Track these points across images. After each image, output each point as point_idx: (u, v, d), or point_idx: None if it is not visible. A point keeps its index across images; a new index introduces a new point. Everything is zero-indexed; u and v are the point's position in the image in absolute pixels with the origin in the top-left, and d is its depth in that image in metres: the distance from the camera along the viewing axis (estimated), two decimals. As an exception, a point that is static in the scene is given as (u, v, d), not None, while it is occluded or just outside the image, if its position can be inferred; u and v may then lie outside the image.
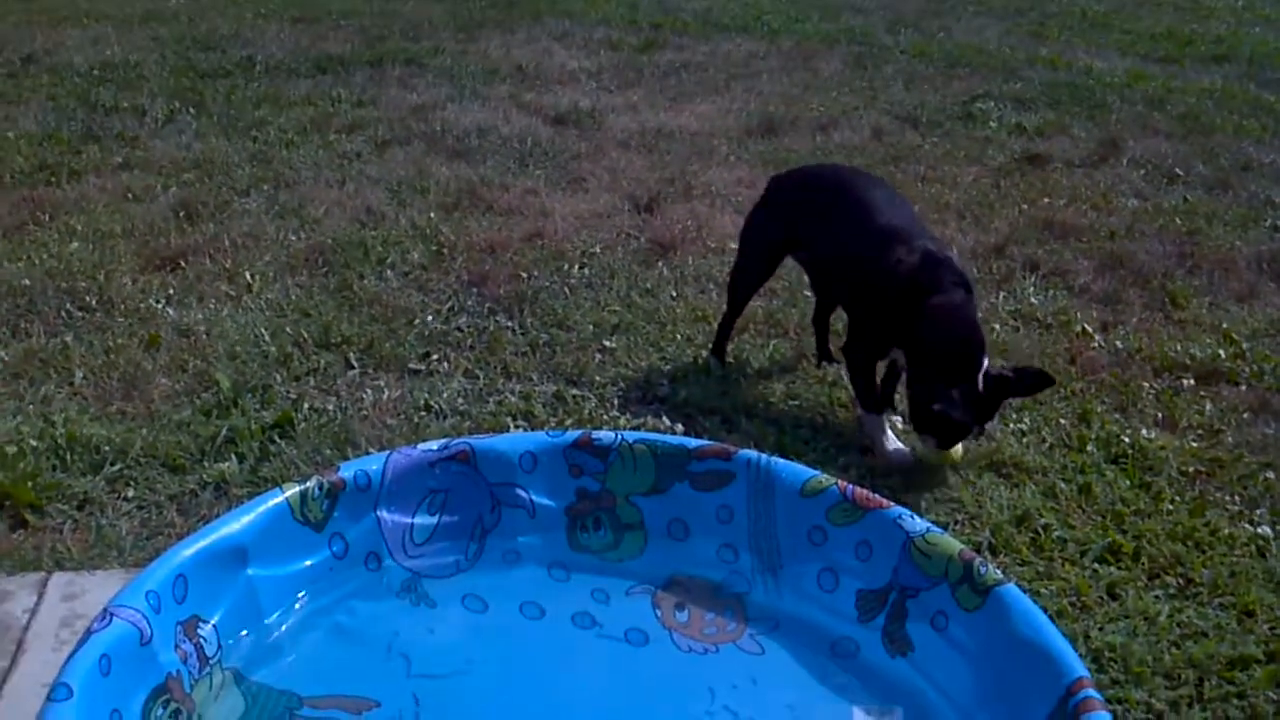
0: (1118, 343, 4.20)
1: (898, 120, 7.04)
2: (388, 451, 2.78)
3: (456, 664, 2.14)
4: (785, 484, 2.69)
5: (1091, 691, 2.11)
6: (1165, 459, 3.43)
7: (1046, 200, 5.66)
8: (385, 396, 3.62)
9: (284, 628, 2.52)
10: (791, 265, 4.05)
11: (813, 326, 4.00)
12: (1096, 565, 2.94)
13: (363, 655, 2.48)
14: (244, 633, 2.46)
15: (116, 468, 3.18)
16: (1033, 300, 4.53)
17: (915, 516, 2.58)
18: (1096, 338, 4.24)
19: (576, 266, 4.65)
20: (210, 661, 2.35)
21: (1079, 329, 4.29)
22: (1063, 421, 3.63)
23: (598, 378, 3.78)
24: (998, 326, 4.25)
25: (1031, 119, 7.09)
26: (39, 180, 5.38)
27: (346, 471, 2.66)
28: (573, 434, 2.83)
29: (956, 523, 3.08)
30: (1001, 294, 4.56)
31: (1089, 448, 3.48)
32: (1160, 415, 3.71)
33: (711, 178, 5.77)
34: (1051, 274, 4.79)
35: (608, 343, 4.02)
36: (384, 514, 2.69)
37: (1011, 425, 3.57)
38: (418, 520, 2.73)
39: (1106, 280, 4.75)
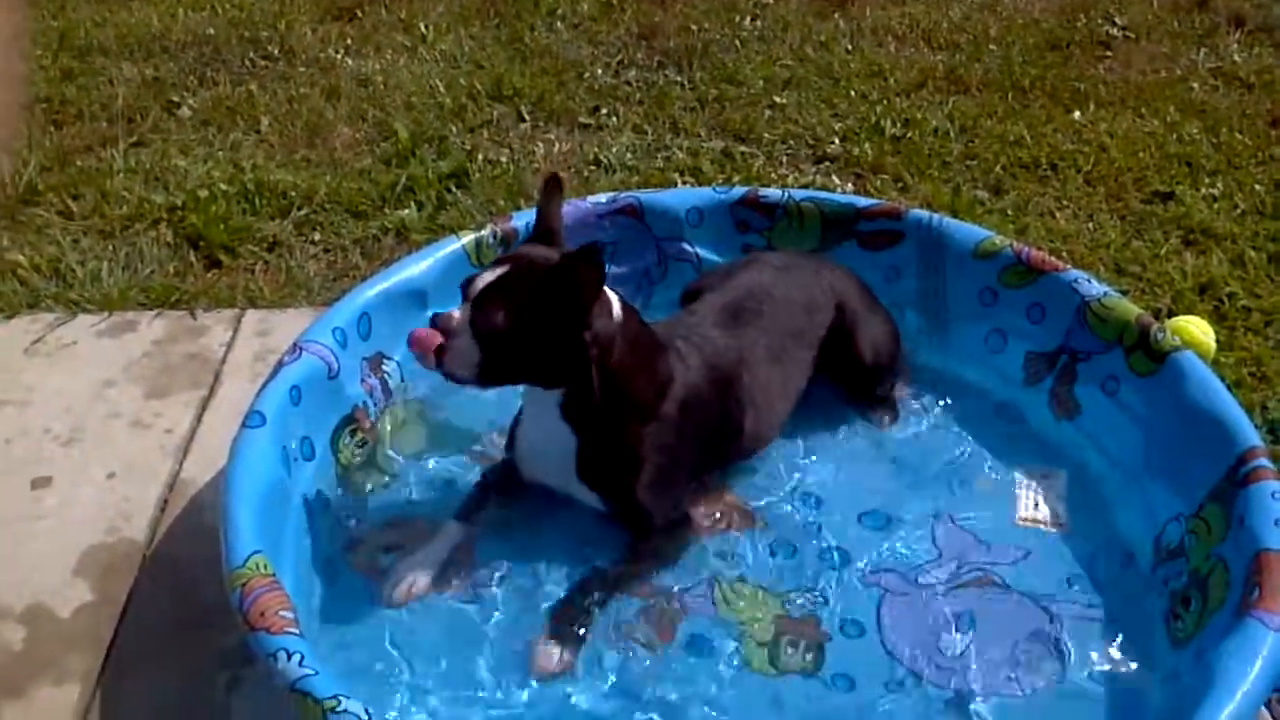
0: (1326, 105, 3.91)
1: None
2: (559, 203, 2.82)
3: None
4: (957, 245, 2.64)
5: (1264, 461, 2.07)
6: (1368, 229, 3.24)
7: (1260, -53, 5.20)
8: (556, 149, 3.65)
9: (462, 366, 2.64)
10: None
11: None
12: (1281, 336, 2.85)
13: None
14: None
15: (303, 212, 3.32)
16: (1235, 58, 4.23)
17: (1092, 280, 2.51)
18: (1303, 100, 3.96)
19: (748, 18, 4.52)
20: (394, 395, 2.50)
21: (1285, 90, 4.01)
22: (1258, 187, 3.44)
23: (766, 134, 3.72)
24: (1196, 86, 4.00)
25: None
26: (216, -72, 5.43)
27: (519, 221, 2.71)
28: (739, 190, 2.82)
29: (1137, 289, 2.99)
30: (1202, 50, 4.27)
31: (1285, 215, 3.31)
32: (1366, 184, 3.49)
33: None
34: (1258, 30, 4.44)
35: (778, 98, 3.93)
36: (556, 262, 2.75)
37: (1204, 190, 3.41)
38: (588, 269, 2.78)
39: (1320, 38, 4.40)
